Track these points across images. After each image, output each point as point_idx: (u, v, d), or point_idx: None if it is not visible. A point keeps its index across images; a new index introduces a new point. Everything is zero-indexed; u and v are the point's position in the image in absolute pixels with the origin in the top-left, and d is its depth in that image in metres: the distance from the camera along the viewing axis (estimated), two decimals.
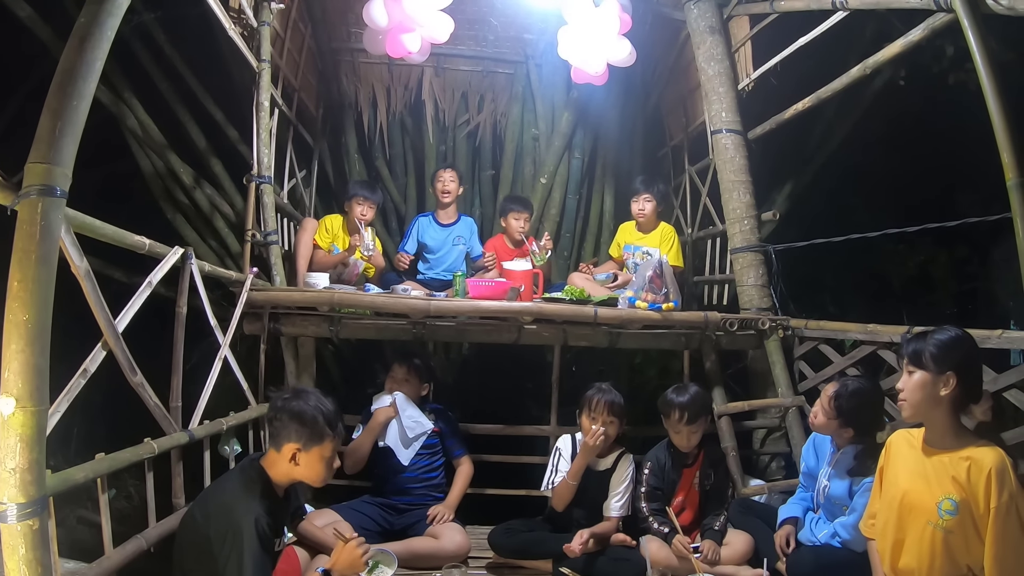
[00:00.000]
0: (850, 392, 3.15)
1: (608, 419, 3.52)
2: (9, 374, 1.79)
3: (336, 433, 2.56)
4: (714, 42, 4.75)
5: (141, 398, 2.69)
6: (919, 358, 2.38)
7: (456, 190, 5.38)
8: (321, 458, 2.53)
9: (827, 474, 3.22)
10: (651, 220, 5.17)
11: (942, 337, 2.39)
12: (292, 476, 2.56)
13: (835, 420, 3.16)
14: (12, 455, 1.79)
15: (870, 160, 6.63)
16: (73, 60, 2.01)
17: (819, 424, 3.24)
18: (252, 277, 3.79)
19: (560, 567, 3.33)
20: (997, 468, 2.22)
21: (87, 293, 2.29)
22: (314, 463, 2.52)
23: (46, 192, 1.88)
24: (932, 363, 2.35)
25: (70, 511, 4.47)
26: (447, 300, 4.16)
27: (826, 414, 3.19)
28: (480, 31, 5.98)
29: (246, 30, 4.22)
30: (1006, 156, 2.68)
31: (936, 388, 2.34)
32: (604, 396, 3.55)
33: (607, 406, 3.53)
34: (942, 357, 2.35)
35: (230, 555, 2.31)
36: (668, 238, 5.12)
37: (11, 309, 1.81)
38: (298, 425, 2.49)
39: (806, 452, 3.51)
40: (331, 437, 2.53)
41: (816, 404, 3.29)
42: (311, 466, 2.53)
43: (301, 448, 2.49)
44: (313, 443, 2.50)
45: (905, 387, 2.41)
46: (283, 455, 2.51)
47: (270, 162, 4.35)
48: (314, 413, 2.50)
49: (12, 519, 1.79)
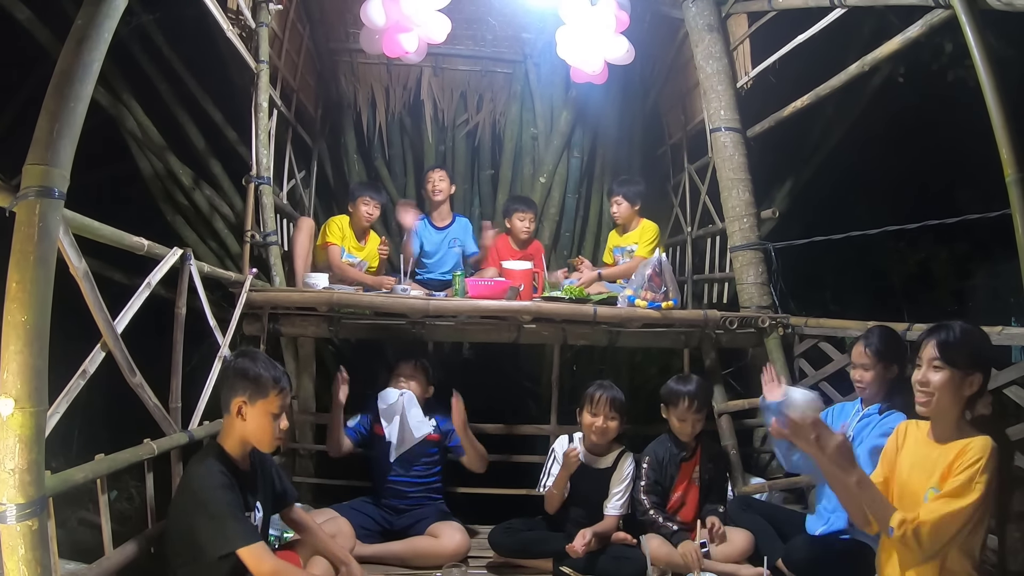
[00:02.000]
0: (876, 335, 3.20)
1: (610, 415, 3.52)
2: (8, 375, 1.79)
3: (281, 389, 2.55)
4: (712, 40, 4.75)
5: (141, 399, 2.69)
6: (950, 355, 2.31)
7: (447, 189, 5.39)
8: (266, 412, 2.52)
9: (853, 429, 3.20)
10: (629, 219, 5.24)
11: (973, 337, 2.35)
12: (243, 436, 2.57)
13: (879, 365, 3.16)
14: (11, 456, 1.79)
15: (870, 158, 6.64)
16: (70, 62, 2.01)
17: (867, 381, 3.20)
18: (251, 278, 3.79)
19: (560, 566, 3.33)
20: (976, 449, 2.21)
21: (86, 294, 2.29)
22: (260, 417, 2.52)
23: (44, 193, 1.88)
24: (963, 362, 2.30)
25: (71, 513, 4.48)
26: (446, 299, 4.17)
27: (868, 367, 3.18)
28: (478, 31, 5.97)
29: (244, 31, 4.22)
30: (1005, 152, 2.68)
31: (962, 387, 2.31)
32: (606, 392, 3.55)
33: (609, 402, 3.52)
34: (973, 357, 2.31)
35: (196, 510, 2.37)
36: (646, 234, 5.13)
37: (9, 310, 1.81)
38: (242, 380, 2.51)
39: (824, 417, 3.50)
40: (276, 391, 2.53)
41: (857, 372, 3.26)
42: (257, 421, 2.52)
43: (246, 401, 2.51)
44: (258, 396, 2.51)
45: (931, 383, 2.34)
46: (231, 414, 2.54)
47: (269, 163, 4.35)
48: (258, 369, 2.53)
49: (11, 520, 1.80)
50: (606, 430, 3.53)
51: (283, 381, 2.58)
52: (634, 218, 5.24)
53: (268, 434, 2.56)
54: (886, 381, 3.18)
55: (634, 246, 5.12)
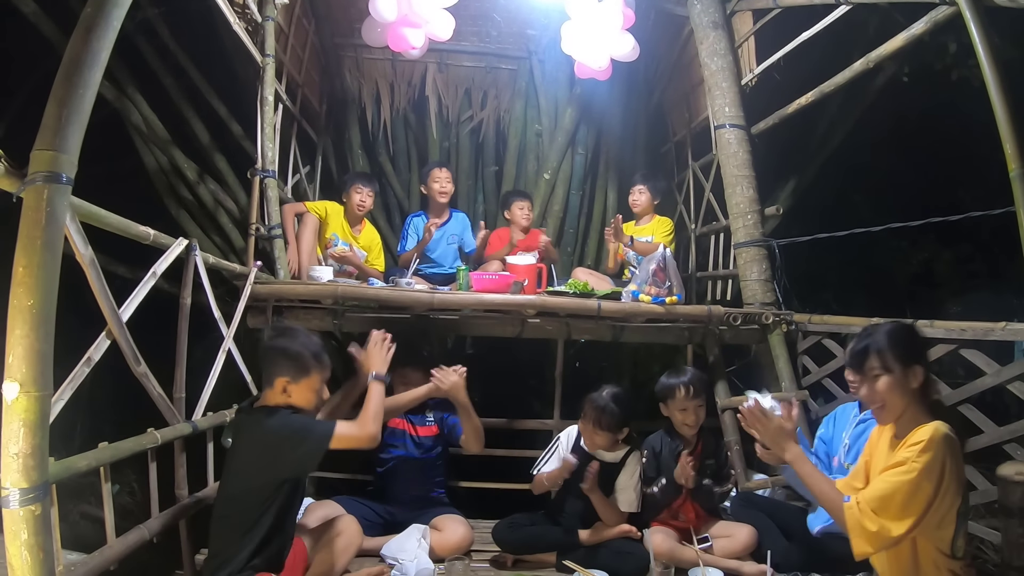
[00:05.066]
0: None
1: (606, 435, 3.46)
2: (13, 359, 1.80)
3: (322, 366, 2.75)
4: (717, 37, 4.75)
5: (145, 388, 2.70)
6: (883, 360, 2.33)
7: (451, 189, 5.47)
8: (311, 388, 2.74)
9: (849, 434, 3.22)
10: (646, 210, 5.31)
11: (897, 335, 2.36)
12: (287, 404, 2.72)
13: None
14: (15, 440, 1.80)
15: (874, 158, 6.64)
16: (79, 50, 2.02)
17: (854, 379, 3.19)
18: (256, 270, 3.80)
19: (564, 560, 3.33)
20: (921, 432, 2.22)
21: (91, 282, 2.30)
22: (305, 392, 2.73)
23: (52, 179, 1.90)
24: (897, 361, 2.31)
25: (73, 506, 4.50)
26: (450, 293, 4.17)
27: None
28: (483, 27, 5.98)
29: (250, 25, 4.23)
30: (1009, 147, 2.68)
31: (907, 383, 2.31)
32: (603, 416, 3.44)
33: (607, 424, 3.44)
34: (906, 353, 2.32)
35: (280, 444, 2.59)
36: (663, 227, 5.20)
37: (16, 294, 1.82)
38: (284, 359, 2.69)
39: (826, 421, 3.52)
40: (318, 368, 2.73)
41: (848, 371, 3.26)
42: (302, 395, 2.73)
43: (290, 381, 2.69)
44: (301, 375, 2.70)
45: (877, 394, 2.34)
46: (275, 389, 2.70)
47: (274, 156, 4.36)
48: (299, 349, 2.70)
49: (14, 504, 1.81)
50: (607, 439, 3.49)
51: (324, 357, 2.76)
52: (651, 210, 5.31)
53: (312, 404, 2.77)
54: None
55: (649, 237, 5.15)
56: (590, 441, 3.56)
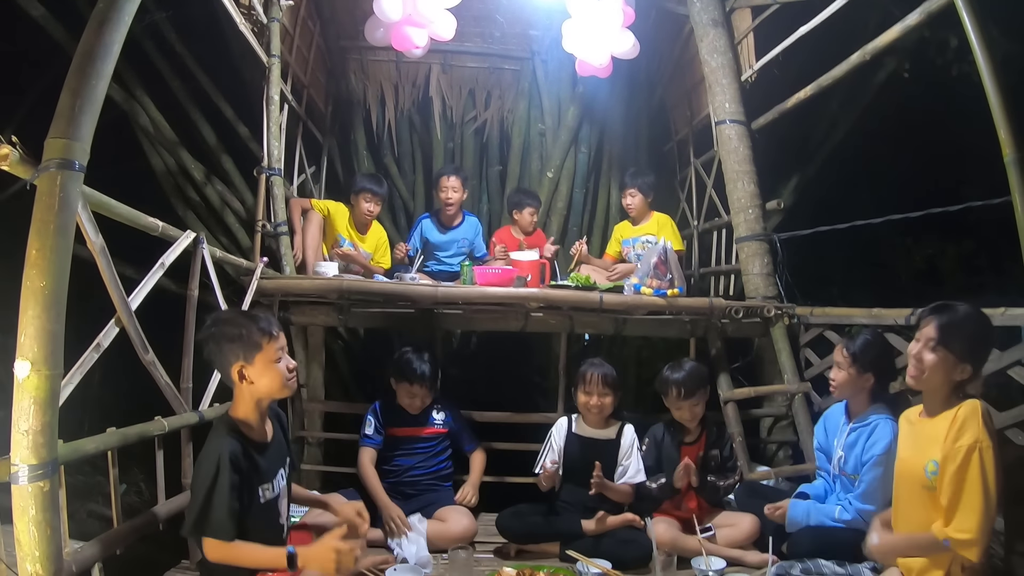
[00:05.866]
0: (860, 339, 3.26)
1: (603, 391, 3.59)
2: (25, 338, 1.86)
3: (272, 334, 2.44)
4: (717, 35, 4.78)
5: (153, 378, 2.74)
6: (947, 339, 2.35)
7: (461, 197, 5.32)
8: (268, 362, 2.43)
9: (842, 444, 3.24)
10: (642, 212, 5.33)
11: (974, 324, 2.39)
12: (256, 397, 2.48)
13: (852, 368, 3.20)
14: (26, 417, 1.85)
15: (876, 156, 6.64)
16: (92, 42, 2.09)
17: (839, 382, 3.25)
18: (262, 266, 3.85)
19: (567, 549, 3.32)
20: (965, 414, 2.25)
21: (102, 269, 2.35)
22: (265, 371, 2.43)
23: (65, 166, 1.96)
24: (959, 349, 2.34)
25: (80, 505, 4.53)
26: (454, 287, 4.21)
27: (841, 367, 3.23)
28: (486, 28, 6.04)
29: (256, 26, 4.30)
30: (1003, 132, 2.69)
31: (953, 373, 2.35)
32: (597, 370, 3.62)
33: (601, 379, 3.60)
34: (971, 346, 2.36)
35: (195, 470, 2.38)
36: (665, 225, 5.24)
37: (29, 276, 1.88)
38: (230, 344, 2.40)
39: (817, 431, 3.54)
40: (268, 339, 2.43)
41: (833, 370, 3.31)
42: (264, 375, 2.44)
43: (244, 363, 2.41)
44: (253, 352, 2.41)
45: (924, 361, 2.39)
46: (237, 383, 2.44)
47: (280, 155, 4.43)
48: (240, 328, 2.41)
49: (23, 480, 1.85)
50: (602, 406, 3.61)
51: (270, 325, 2.47)
52: (647, 210, 5.32)
53: (279, 381, 2.47)
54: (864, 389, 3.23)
55: (650, 237, 5.17)
56: (587, 417, 3.66)
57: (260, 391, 2.47)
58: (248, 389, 2.45)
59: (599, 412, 3.64)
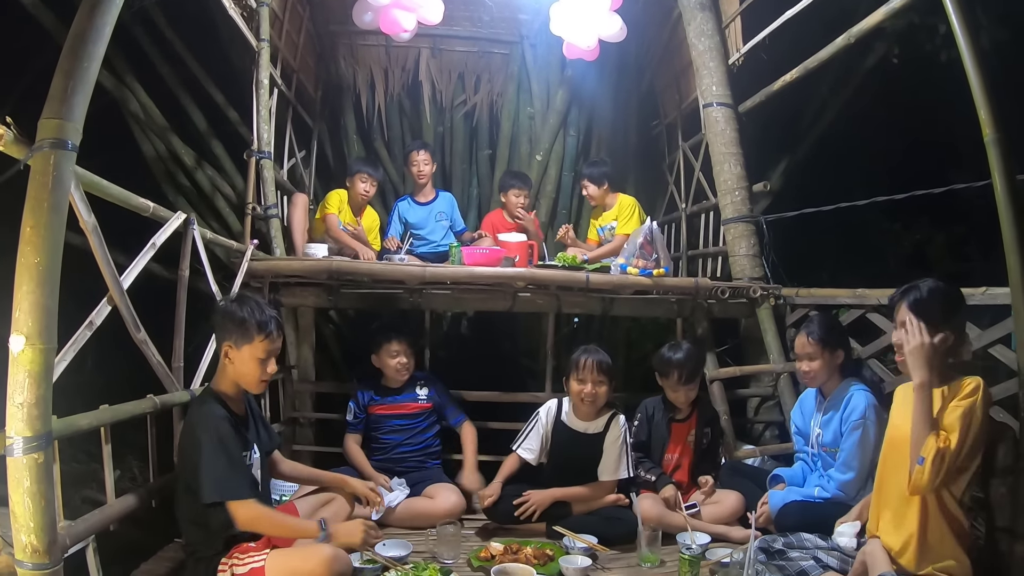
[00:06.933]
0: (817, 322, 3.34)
1: (598, 379, 3.52)
2: (20, 313, 1.89)
3: (267, 334, 2.59)
4: (704, 18, 4.82)
5: (144, 356, 2.77)
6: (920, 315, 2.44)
7: (432, 170, 5.45)
8: (252, 356, 2.59)
9: (818, 421, 3.31)
10: (603, 199, 5.31)
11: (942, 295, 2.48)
12: (233, 378, 2.65)
13: (824, 352, 3.25)
14: (20, 390, 1.89)
15: (866, 140, 6.68)
16: (84, 24, 2.10)
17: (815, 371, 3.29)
18: (252, 248, 3.88)
19: (554, 526, 3.36)
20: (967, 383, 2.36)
21: (94, 248, 2.39)
22: (245, 360, 2.60)
23: (58, 145, 1.98)
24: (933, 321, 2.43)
25: (75, 492, 4.56)
26: (442, 266, 4.25)
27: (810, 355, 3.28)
28: (475, 12, 6.02)
29: (245, 11, 4.31)
30: (983, 112, 2.70)
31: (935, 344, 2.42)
32: (592, 356, 3.53)
33: (596, 366, 3.51)
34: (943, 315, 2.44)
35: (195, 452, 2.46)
36: (624, 211, 5.21)
37: (23, 252, 1.91)
38: (229, 323, 2.59)
39: (794, 414, 3.59)
40: (262, 336, 2.58)
41: (803, 363, 3.35)
42: (244, 364, 2.60)
43: (232, 345, 2.59)
44: (243, 341, 2.58)
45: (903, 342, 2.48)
46: (221, 358, 2.64)
47: (270, 138, 4.44)
48: (243, 313, 2.58)
49: (18, 452, 1.88)
50: (595, 396, 3.54)
51: (270, 326, 2.61)
52: (607, 196, 5.29)
53: (253, 377, 2.63)
54: (836, 367, 3.30)
55: (614, 223, 5.20)
56: (579, 407, 3.63)
57: (236, 375, 2.65)
58: (229, 367, 2.64)
59: (592, 402, 3.57)
